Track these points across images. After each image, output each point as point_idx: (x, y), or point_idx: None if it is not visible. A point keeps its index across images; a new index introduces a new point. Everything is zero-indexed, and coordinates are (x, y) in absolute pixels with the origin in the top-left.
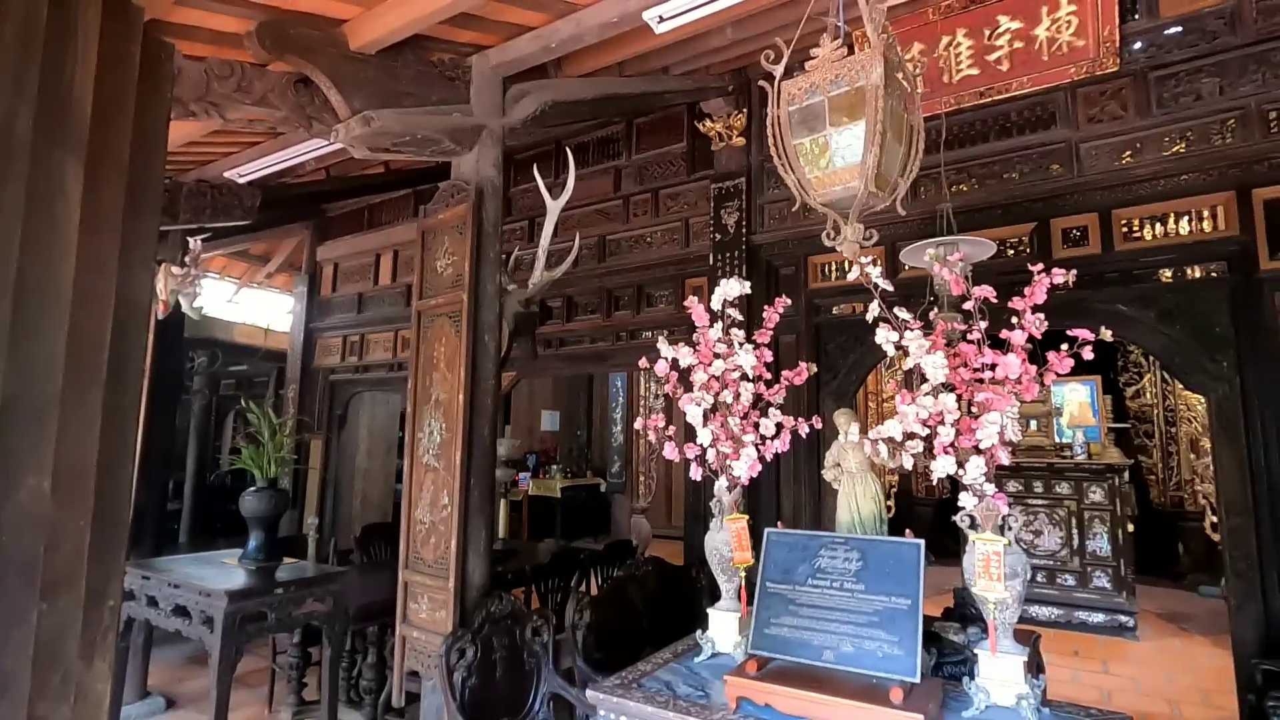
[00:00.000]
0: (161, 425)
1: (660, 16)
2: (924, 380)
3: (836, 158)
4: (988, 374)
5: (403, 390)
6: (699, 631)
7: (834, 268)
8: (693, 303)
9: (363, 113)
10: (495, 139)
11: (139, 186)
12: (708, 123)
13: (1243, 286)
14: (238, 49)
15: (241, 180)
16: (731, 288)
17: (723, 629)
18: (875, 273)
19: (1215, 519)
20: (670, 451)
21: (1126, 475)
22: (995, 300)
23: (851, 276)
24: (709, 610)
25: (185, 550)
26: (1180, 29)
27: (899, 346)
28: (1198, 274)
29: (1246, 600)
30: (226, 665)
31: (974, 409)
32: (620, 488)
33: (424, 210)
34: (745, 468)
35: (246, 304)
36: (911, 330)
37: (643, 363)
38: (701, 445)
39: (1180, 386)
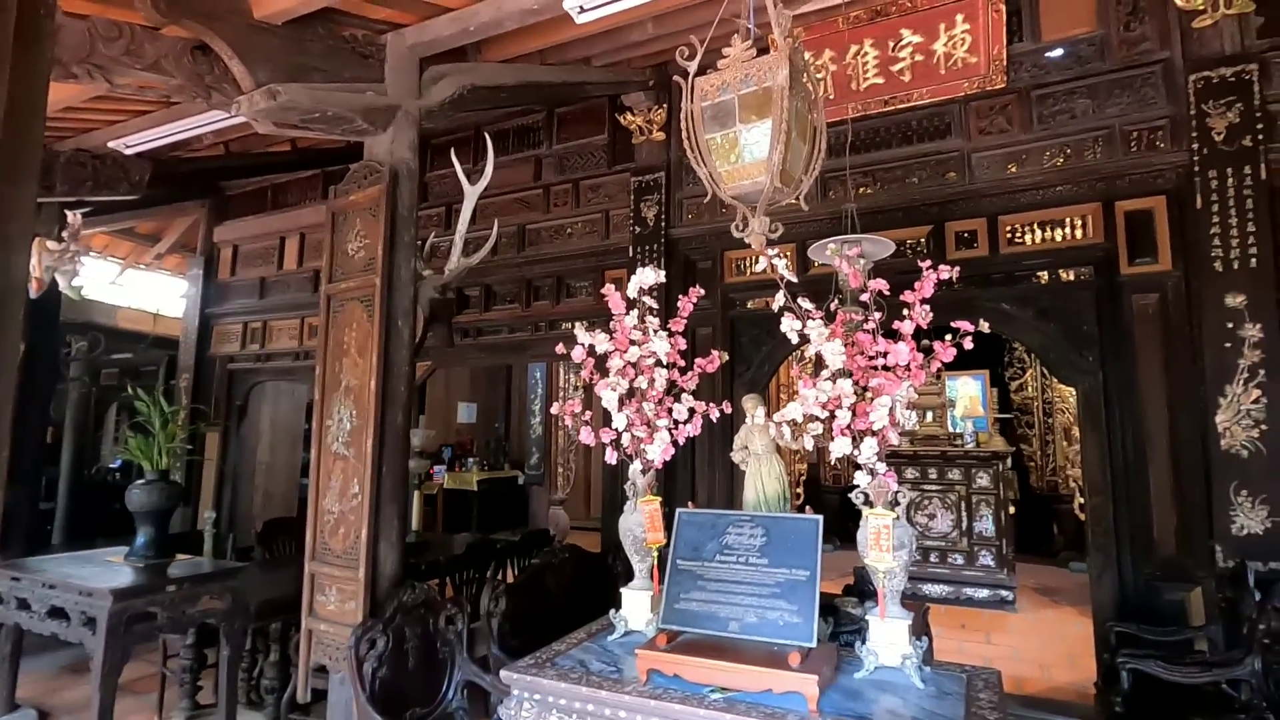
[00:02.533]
0: (33, 416)
1: (581, 7)
2: (824, 367)
3: (745, 153)
4: (881, 361)
5: (309, 380)
6: (612, 611)
7: (749, 263)
8: (610, 290)
9: (268, 86)
10: (411, 121)
11: (14, 153)
12: (629, 116)
13: (1106, 289)
14: (126, 9)
15: (128, 151)
16: (647, 276)
17: (636, 607)
18: (781, 264)
19: (1083, 500)
20: (586, 435)
21: (1010, 462)
22: (889, 293)
23: (759, 268)
24: (622, 590)
25: (60, 551)
26: (1060, 52)
27: (801, 335)
28: (1070, 277)
29: (1105, 570)
30: (111, 670)
31: (869, 393)
32: (539, 480)
33: (334, 191)
34: (659, 451)
35: (132, 286)
36: (814, 320)
37: (560, 348)
38: (617, 429)
39: (1056, 379)
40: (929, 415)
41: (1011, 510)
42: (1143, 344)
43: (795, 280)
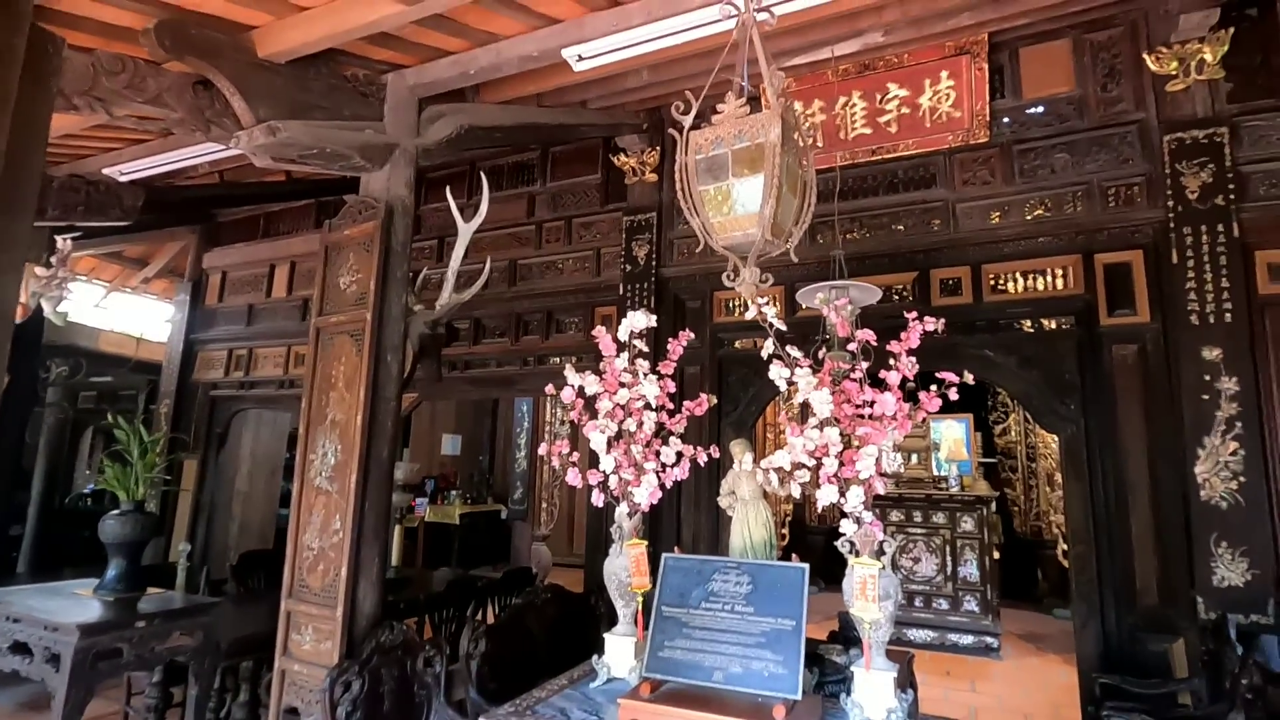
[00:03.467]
0: (7, 440)
1: (579, 56)
2: (812, 414)
3: (738, 205)
4: (867, 410)
5: (294, 409)
6: (595, 657)
7: (738, 304)
8: (600, 333)
9: (268, 122)
10: (408, 158)
11: (14, 184)
12: (622, 157)
13: (1087, 338)
14: (131, 44)
15: (123, 178)
16: (638, 320)
17: (619, 654)
18: (770, 313)
19: (1066, 547)
20: (573, 477)
21: (994, 506)
22: (876, 343)
23: (749, 315)
24: (605, 635)
25: (26, 581)
26: (1040, 110)
27: (790, 382)
28: (1052, 325)
29: (1089, 620)
30: (73, 709)
31: (855, 442)
32: (522, 515)
33: (329, 224)
34: (646, 494)
35: (117, 310)
36: (802, 368)
37: (549, 389)
38: (604, 472)
39: (1039, 426)
40: (914, 458)
41: (996, 555)
42: (1123, 394)
43: (785, 328)
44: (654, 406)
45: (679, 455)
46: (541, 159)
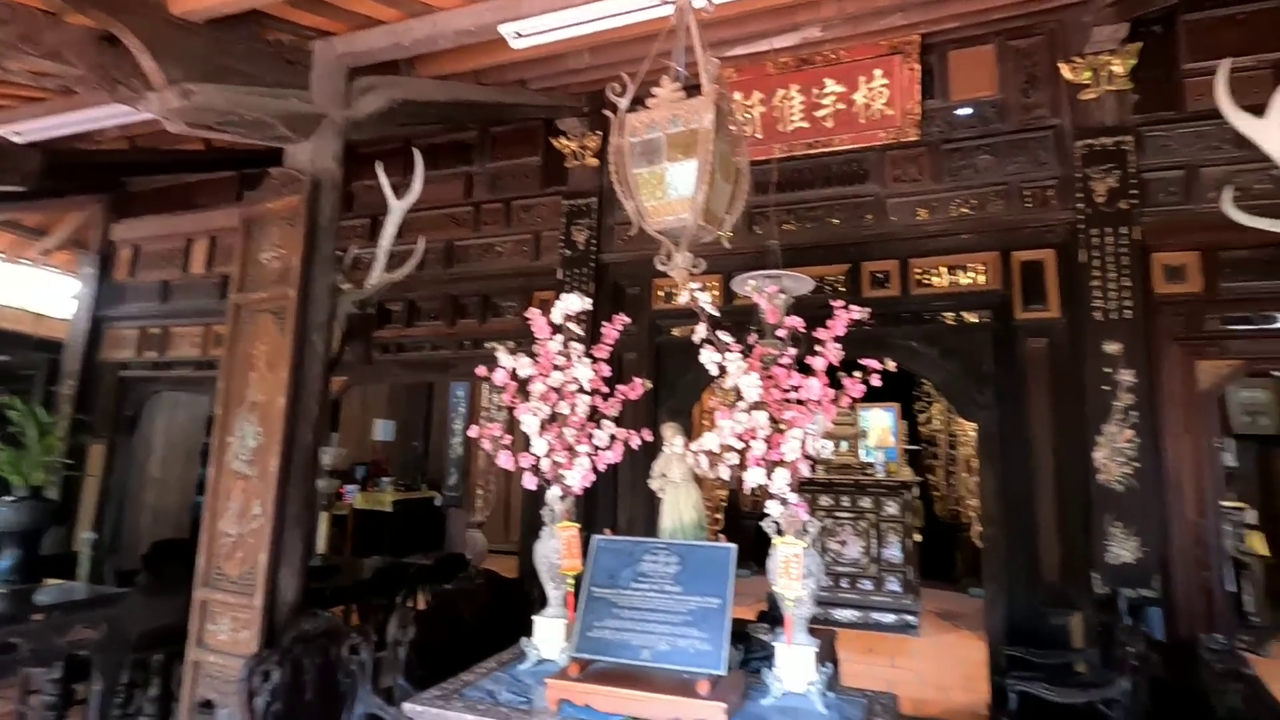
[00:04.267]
0: None
1: (518, 33)
2: (742, 398)
3: (671, 190)
4: (794, 394)
5: (212, 391)
6: (524, 639)
7: (676, 291)
8: (534, 314)
9: (182, 84)
10: (337, 130)
11: None
12: (563, 140)
13: (1003, 332)
14: None
15: (18, 139)
16: (573, 303)
17: (549, 636)
18: (703, 298)
19: (981, 529)
20: (506, 460)
21: (917, 491)
22: (805, 330)
23: (681, 300)
24: (535, 618)
25: None
26: (966, 112)
27: (721, 367)
28: (971, 319)
29: (998, 597)
30: None
31: (782, 426)
32: (457, 502)
33: (249, 197)
34: (579, 477)
35: (11, 284)
36: (732, 353)
37: (481, 370)
38: (537, 455)
39: (957, 413)
40: (843, 445)
41: (917, 537)
42: (1033, 384)
43: (718, 313)
44: (588, 390)
45: (612, 438)
46: (480, 139)
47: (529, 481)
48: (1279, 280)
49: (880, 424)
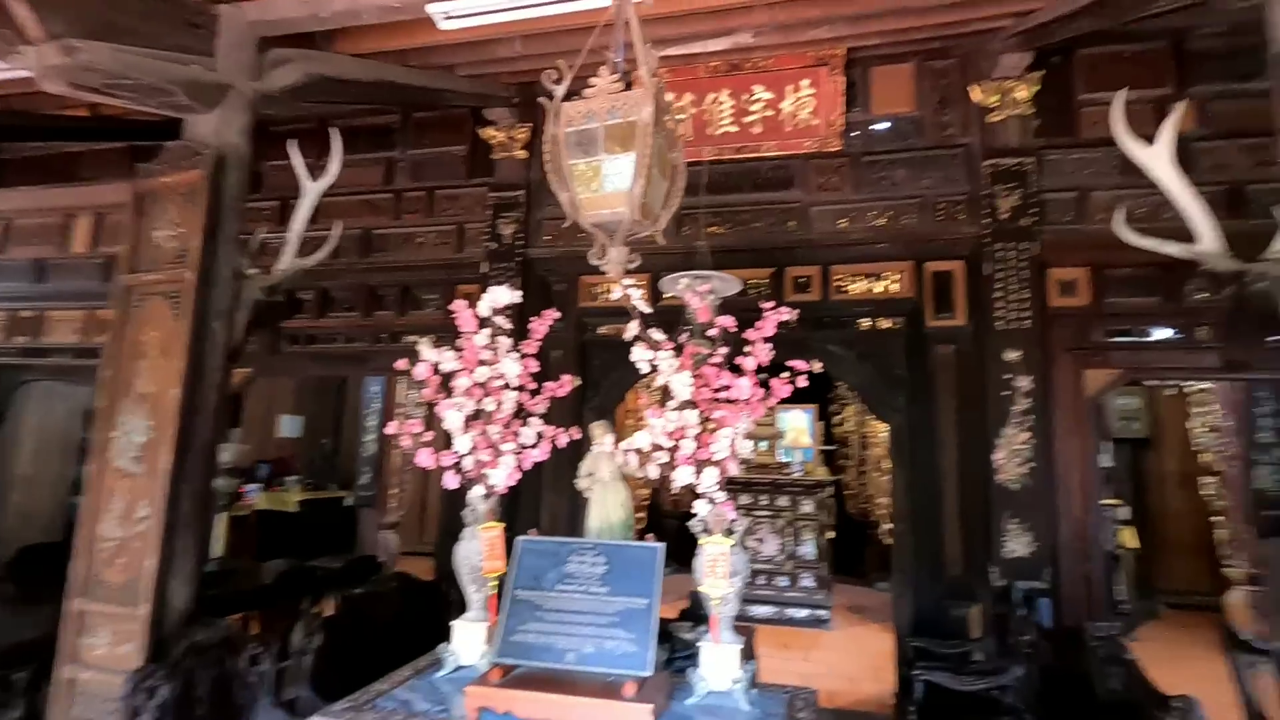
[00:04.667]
0: None
1: (446, 14)
2: (672, 397)
3: (607, 182)
4: (725, 394)
5: (95, 381)
6: (442, 645)
7: (604, 289)
8: (460, 307)
9: (64, 40)
10: (245, 103)
11: None
12: (491, 130)
13: (915, 337)
14: None
15: None
16: (501, 296)
17: (468, 641)
18: (636, 294)
19: (890, 526)
20: (426, 458)
21: (831, 490)
22: (735, 330)
23: (615, 296)
24: (454, 623)
25: None
26: (886, 126)
27: (652, 365)
28: (886, 325)
29: (904, 591)
30: None
31: (711, 424)
32: (369, 501)
33: (142, 169)
34: (503, 476)
35: None
36: (664, 351)
37: (401, 364)
38: (459, 453)
39: (872, 415)
40: (762, 445)
41: (830, 535)
42: (942, 388)
43: (650, 311)
44: (515, 386)
45: (539, 436)
46: (403, 123)
47: (450, 481)
48: (1156, 297)
49: (797, 425)
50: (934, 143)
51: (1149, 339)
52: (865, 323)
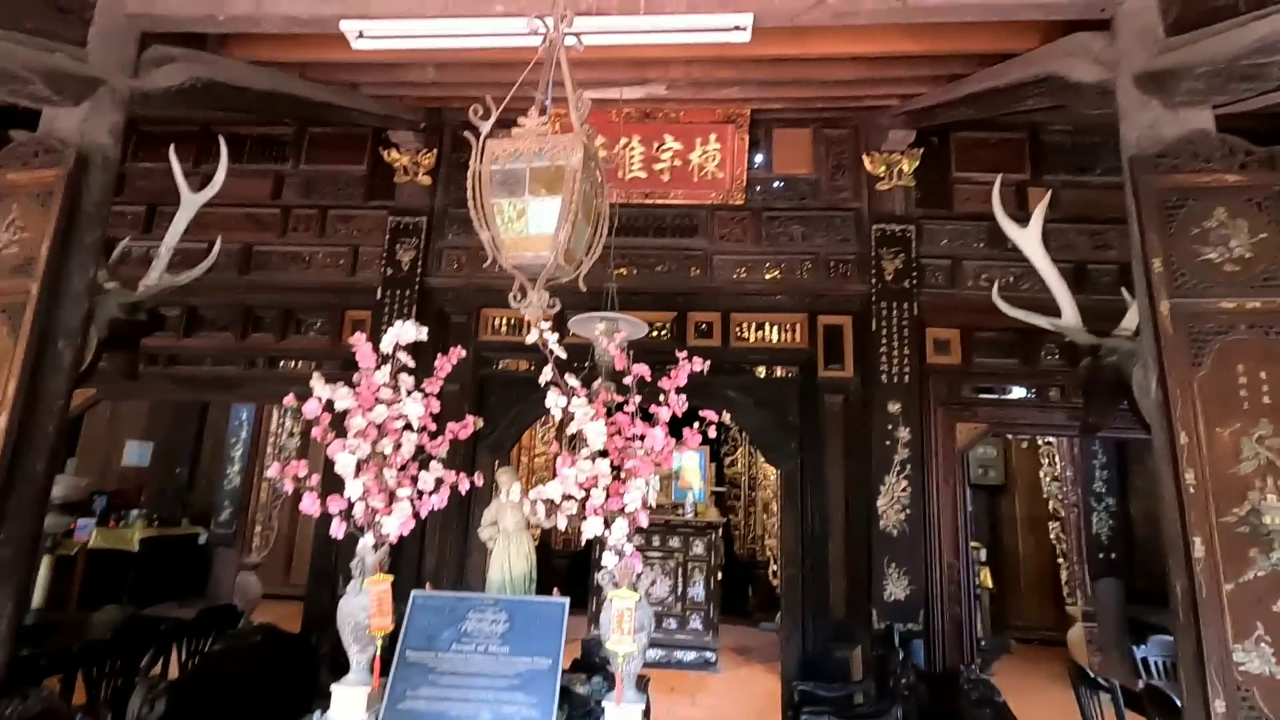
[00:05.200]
0: None
1: (361, 32)
2: (584, 445)
3: (531, 225)
4: (638, 443)
5: None
6: (318, 713)
7: (506, 322)
8: (359, 340)
9: None
10: (118, 101)
11: None
12: (394, 153)
13: (808, 387)
14: None
15: None
16: (406, 331)
17: (348, 707)
18: (553, 339)
19: (776, 568)
20: (311, 504)
21: (721, 531)
22: (649, 380)
23: (530, 339)
24: (334, 686)
25: None
26: (785, 184)
27: (566, 412)
28: (781, 373)
29: (792, 634)
30: None
31: (622, 474)
32: (229, 540)
33: None
34: (397, 524)
35: None
36: (579, 397)
37: (288, 400)
38: (349, 499)
39: (762, 458)
40: (657, 485)
41: (719, 576)
42: (831, 436)
43: (565, 355)
44: (415, 427)
45: (438, 482)
46: (297, 136)
47: (337, 530)
48: (1016, 359)
49: (690, 466)
50: (828, 204)
51: (1010, 397)
52: (762, 370)
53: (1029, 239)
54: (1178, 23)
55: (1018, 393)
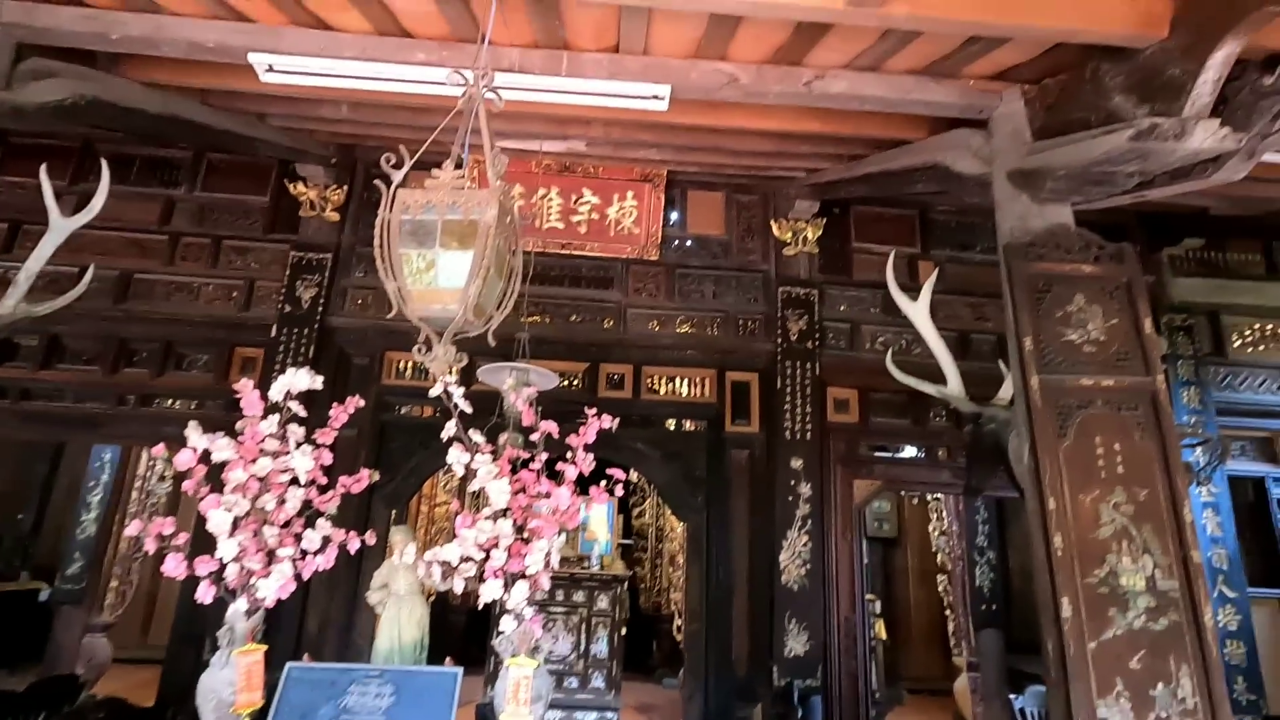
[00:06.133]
0: None
1: (271, 66)
2: (486, 504)
3: (441, 277)
4: (543, 502)
5: None
6: None
7: (410, 367)
8: (245, 386)
9: None
10: None
11: None
12: (301, 186)
13: (715, 441)
14: None
15: None
16: (300, 380)
17: None
18: (458, 393)
19: (680, 623)
20: (176, 566)
21: (626, 585)
22: (558, 436)
23: (434, 392)
24: None
25: None
26: (698, 244)
27: (469, 469)
28: (690, 427)
29: (695, 693)
30: None
31: (525, 534)
32: (76, 596)
33: None
34: (275, 588)
35: None
36: (482, 454)
37: (159, 450)
38: (221, 560)
39: (669, 511)
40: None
41: (624, 631)
42: (737, 491)
43: (470, 410)
44: (303, 482)
45: (326, 540)
46: (193, 162)
47: (205, 594)
48: (908, 419)
49: (597, 517)
50: (738, 265)
51: (902, 455)
52: (672, 423)
53: (919, 312)
54: (1043, 129)
55: (909, 451)
